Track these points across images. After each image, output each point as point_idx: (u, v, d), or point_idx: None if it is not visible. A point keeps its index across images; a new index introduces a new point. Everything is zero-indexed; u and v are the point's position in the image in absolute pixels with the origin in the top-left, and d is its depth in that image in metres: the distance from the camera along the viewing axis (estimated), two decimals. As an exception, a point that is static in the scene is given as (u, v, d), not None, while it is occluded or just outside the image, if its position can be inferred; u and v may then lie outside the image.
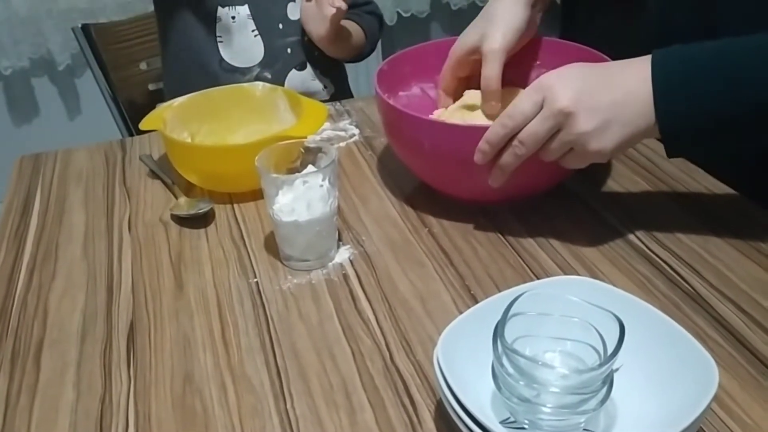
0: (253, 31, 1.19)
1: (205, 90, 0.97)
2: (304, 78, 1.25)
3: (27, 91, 2.27)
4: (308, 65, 1.24)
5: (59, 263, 0.78)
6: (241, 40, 1.19)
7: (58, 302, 0.72)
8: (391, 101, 0.81)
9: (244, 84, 1.01)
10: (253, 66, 1.20)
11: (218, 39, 1.19)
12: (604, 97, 0.65)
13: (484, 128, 0.70)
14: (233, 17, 1.18)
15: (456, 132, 0.75)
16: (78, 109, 2.34)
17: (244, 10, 1.18)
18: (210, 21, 1.18)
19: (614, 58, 0.73)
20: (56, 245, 0.81)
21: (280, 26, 1.20)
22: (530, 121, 0.67)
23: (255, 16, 1.19)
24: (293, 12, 1.21)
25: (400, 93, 0.93)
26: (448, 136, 0.75)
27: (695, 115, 0.64)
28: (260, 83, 0.99)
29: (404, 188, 0.87)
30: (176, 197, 0.87)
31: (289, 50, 1.22)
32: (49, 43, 2.14)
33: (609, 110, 0.65)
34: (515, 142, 0.68)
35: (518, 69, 0.89)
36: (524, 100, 0.67)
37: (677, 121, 0.65)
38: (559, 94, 0.65)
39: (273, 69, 1.21)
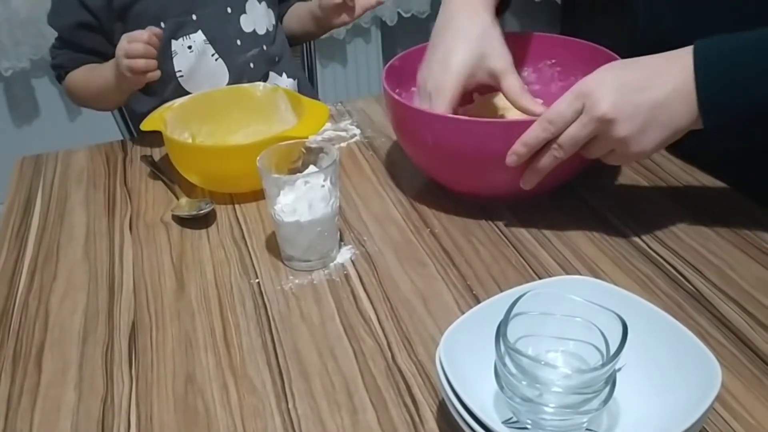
0: (213, 55, 1.15)
1: (205, 91, 0.97)
2: None
3: (27, 92, 2.27)
4: (271, 74, 1.22)
5: (60, 264, 0.78)
6: (203, 68, 1.15)
7: (60, 303, 0.72)
8: (401, 96, 0.81)
9: (245, 84, 1.00)
10: None
11: (178, 74, 1.13)
12: (644, 100, 0.65)
13: (490, 123, 0.70)
14: (189, 47, 1.12)
15: (467, 127, 0.74)
16: (78, 110, 2.33)
17: (198, 37, 1.13)
18: (166, 58, 1.12)
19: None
20: (57, 246, 0.81)
21: (238, 42, 1.17)
22: (569, 126, 0.67)
23: (211, 39, 1.14)
24: (248, 24, 1.18)
25: (413, 89, 0.92)
26: (457, 131, 0.74)
27: (740, 106, 0.64)
28: (261, 83, 0.99)
29: (406, 188, 0.87)
30: (177, 198, 0.87)
31: (251, 65, 1.19)
32: (49, 44, 2.13)
33: (649, 113, 0.65)
34: (554, 146, 0.68)
35: (533, 68, 0.92)
36: (564, 106, 0.67)
37: (722, 114, 0.64)
38: (599, 101, 0.65)
39: None
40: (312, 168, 0.74)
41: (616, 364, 0.48)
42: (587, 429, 0.51)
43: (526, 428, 0.51)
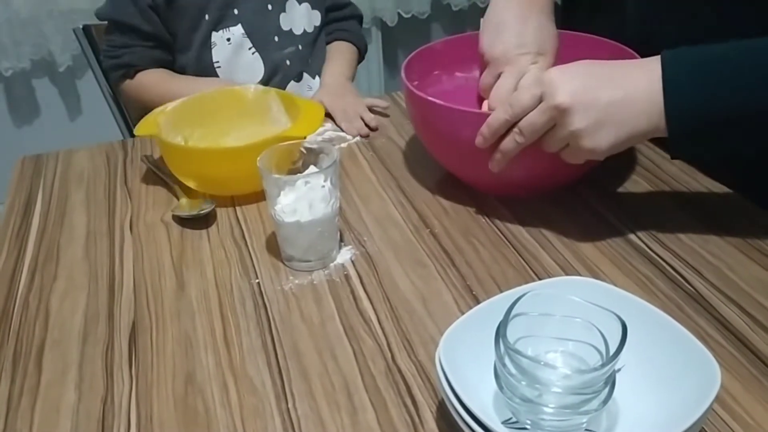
0: (250, 48, 1.18)
1: (196, 94, 0.96)
2: (301, 89, 1.24)
3: (28, 92, 2.27)
4: (304, 75, 1.24)
5: (61, 264, 0.78)
6: (240, 60, 1.18)
7: (60, 303, 0.72)
8: (419, 86, 0.82)
9: (236, 86, 1.00)
10: (257, 84, 1.19)
11: (216, 65, 1.18)
12: (602, 95, 0.65)
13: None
14: (228, 39, 1.16)
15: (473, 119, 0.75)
16: (79, 110, 2.34)
17: (237, 30, 1.17)
18: (205, 49, 1.17)
19: None
20: (58, 246, 0.81)
21: (276, 39, 1.20)
22: (529, 112, 0.68)
23: (250, 33, 1.17)
24: (286, 23, 1.21)
25: (458, 74, 0.94)
26: (463, 123, 0.75)
27: (705, 115, 0.64)
28: (252, 85, 0.98)
29: (406, 189, 0.87)
30: (178, 198, 0.87)
31: (287, 62, 1.21)
32: (50, 44, 2.13)
33: (605, 109, 0.65)
34: (515, 130, 0.70)
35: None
36: (525, 91, 0.68)
37: (687, 122, 0.65)
38: (557, 89, 0.65)
39: (273, 83, 1.21)
40: (312, 168, 0.74)
41: (616, 365, 0.48)
42: (587, 429, 0.51)
43: (525, 428, 0.51)
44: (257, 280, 0.73)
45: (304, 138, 0.80)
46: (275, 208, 0.72)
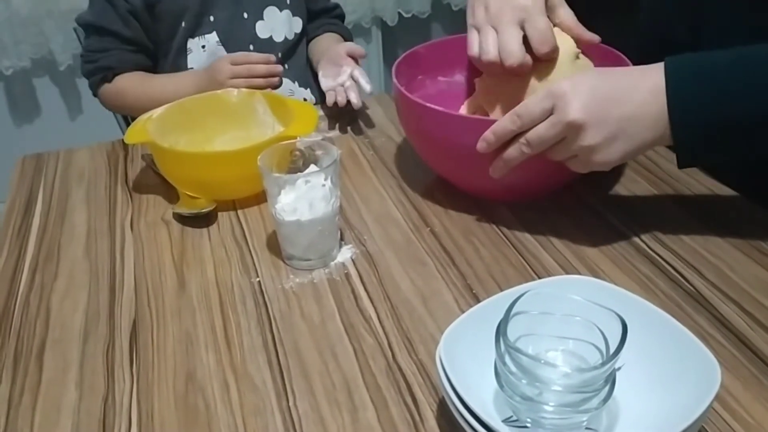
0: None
1: (180, 100, 0.94)
2: (281, 94, 1.24)
3: (28, 91, 2.27)
4: (284, 80, 1.23)
5: (61, 263, 0.78)
6: None
7: (61, 302, 0.72)
8: (408, 90, 0.82)
9: (218, 91, 0.99)
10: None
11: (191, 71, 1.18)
12: (613, 111, 0.65)
13: (492, 122, 0.71)
14: (203, 46, 1.16)
15: (470, 124, 0.75)
16: (79, 109, 2.33)
17: (212, 38, 1.17)
18: (181, 55, 1.18)
19: None
20: (58, 245, 0.81)
21: (251, 47, 1.19)
22: (538, 123, 0.67)
23: (224, 41, 1.18)
24: (264, 30, 1.20)
25: (440, 78, 0.93)
26: (461, 129, 0.75)
27: (710, 124, 0.64)
28: (235, 89, 0.97)
29: (406, 188, 0.87)
30: (178, 196, 0.87)
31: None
32: (50, 43, 2.13)
33: (617, 125, 0.65)
34: (522, 140, 0.69)
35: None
36: (535, 103, 0.67)
37: (692, 132, 0.65)
38: (569, 105, 0.65)
39: None
40: (313, 167, 0.74)
41: (616, 364, 0.48)
42: (587, 428, 0.51)
43: (525, 427, 0.51)
44: (258, 279, 0.73)
45: (300, 137, 0.80)
46: (276, 207, 0.72)
